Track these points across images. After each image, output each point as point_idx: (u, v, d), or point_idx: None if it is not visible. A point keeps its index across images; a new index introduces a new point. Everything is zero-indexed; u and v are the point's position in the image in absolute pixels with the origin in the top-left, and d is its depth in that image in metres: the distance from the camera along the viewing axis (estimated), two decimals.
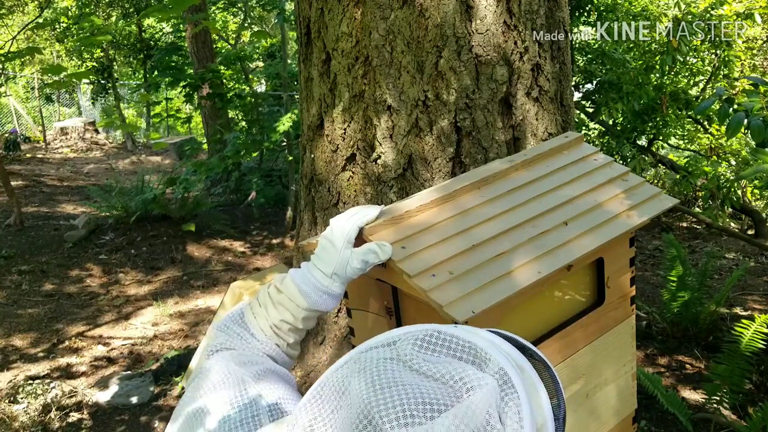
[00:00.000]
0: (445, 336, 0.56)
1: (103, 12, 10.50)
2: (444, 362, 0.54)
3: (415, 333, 0.56)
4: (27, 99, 14.27)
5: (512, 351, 0.58)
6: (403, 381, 0.51)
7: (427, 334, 0.56)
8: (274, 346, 0.86)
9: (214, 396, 0.70)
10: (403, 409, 0.48)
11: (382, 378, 0.51)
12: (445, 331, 0.56)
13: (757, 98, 2.19)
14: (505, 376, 0.53)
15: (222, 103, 5.35)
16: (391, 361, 0.53)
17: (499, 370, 0.54)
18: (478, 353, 0.55)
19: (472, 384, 0.51)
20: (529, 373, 0.57)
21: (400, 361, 0.53)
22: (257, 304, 0.88)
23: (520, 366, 0.57)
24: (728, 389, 2.23)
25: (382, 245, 0.88)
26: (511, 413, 0.51)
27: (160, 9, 2.33)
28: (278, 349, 0.86)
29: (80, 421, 2.67)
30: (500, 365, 0.54)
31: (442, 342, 0.55)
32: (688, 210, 5.21)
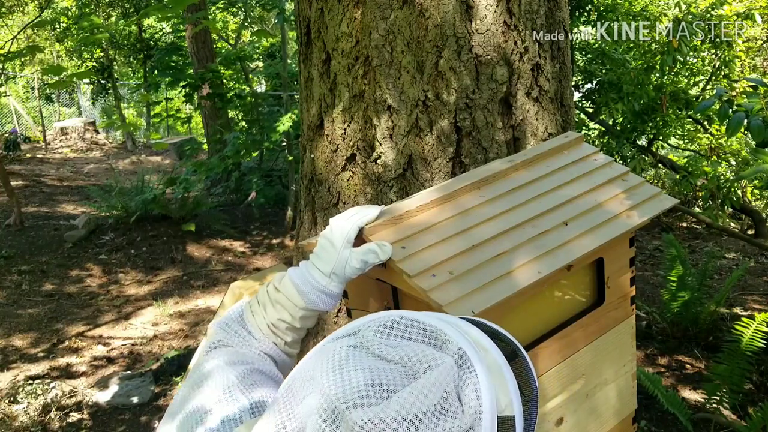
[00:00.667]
0: (406, 321, 0.57)
1: (103, 12, 10.50)
2: (404, 346, 0.55)
3: (378, 320, 0.58)
4: (27, 99, 14.27)
5: (477, 334, 0.59)
6: (362, 366, 0.52)
7: (389, 320, 0.57)
8: (272, 345, 0.86)
9: (208, 398, 0.70)
10: (359, 391, 0.49)
11: (343, 364, 0.52)
12: (406, 316, 0.58)
13: (757, 99, 2.19)
14: (464, 356, 0.54)
15: (222, 103, 5.35)
16: (354, 349, 0.55)
17: (458, 350, 0.54)
18: (438, 335, 0.56)
19: (429, 364, 0.52)
20: (494, 354, 0.57)
21: (363, 348, 0.55)
22: (256, 302, 0.88)
23: (484, 347, 0.57)
24: (728, 389, 2.23)
25: (382, 245, 0.88)
26: (469, 391, 0.52)
27: (159, 8, 2.33)
28: (276, 348, 0.86)
29: (80, 421, 2.67)
30: (459, 346, 0.55)
31: (404, 327, 0.57)
32: (688, 210, 5.21)
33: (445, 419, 0.49)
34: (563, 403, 1.07)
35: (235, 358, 0.78)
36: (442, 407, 0.50)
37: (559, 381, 1.06)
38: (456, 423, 0.50)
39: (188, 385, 0.74)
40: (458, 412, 0.51)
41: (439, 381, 0.51)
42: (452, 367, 0.52)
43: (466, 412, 0.51)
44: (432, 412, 0.49)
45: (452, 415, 0.50)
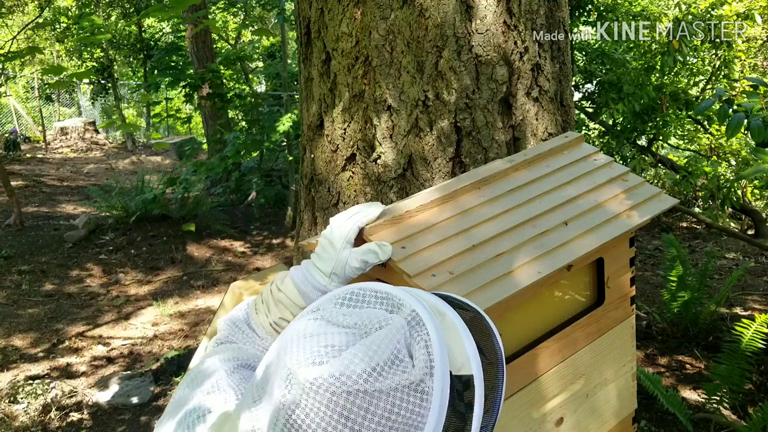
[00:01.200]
0: (363, 291, 0.59)
1: (103, 12, 10.50)
2: (358, 312, 0.56)
3: (338, 293, 0.60)
4: (27, 99, 14.27)
5: (435, 301, 0.60)
6: (317, 333, 0.54)
7: (348, 292, 0.59)
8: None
9: (206, 395, 0.71)
10: (311, 353, 0.51)
11: (300, 336, 0.54)
12: (364, 287, 0.60)
13: (757, 98, 2.19)
14: (417, 317, 0.55)
15: (222, 103, 5.35)
16: (313, 321, 0.56)
17: (411, 312, 0.56)
18: (392, 300, 0.57)
19: (380, 324, 0.54)
20: (451, 317, 0.58)
21: (322, 320, 0.56)
22: (260, 301, 0.89)
23: (441, 312, 0.58)
24: (728, 389, 2.23)
25: (382, 245, 0.88)
26: (419, 347, 0.53)
27: (160, 9, 2.33)
28: None
29: (80, 421, 2.67)
30: (412, 308, 0.56)
31: (362, 297, 0.58)
32: (688, 210, 5.21)
33: (395, 373, 0.50)
34: (563, 403, 1.07)
35: (231, 355, 0.79)
36: (391, 362, 0.51)
37: (559, 381, 1.06)
38: (405, 377, 0.51)
39: (186, 383, 0.74)
40: (408, 366, 0.51)
41: (388, 338, 0.52)
42: (403, 326, 0.54)
43: (416, 366, 0.52)
44: (381, 367, 0.50)
45: (402, 369, 0.51)
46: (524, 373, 1.00)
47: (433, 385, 0.51)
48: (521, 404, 1.00)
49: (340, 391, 0.49)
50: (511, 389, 0.99)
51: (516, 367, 0.98)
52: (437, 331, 0.55)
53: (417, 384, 0.51)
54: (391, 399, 0.50)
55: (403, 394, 0.50)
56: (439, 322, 0.57)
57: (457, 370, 0.54)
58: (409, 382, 0.51)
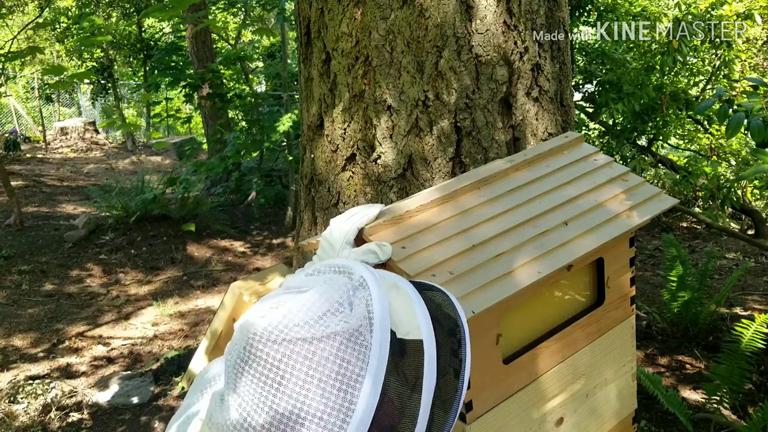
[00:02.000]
0: (328, 265, 0.61)
1: (103, 12, 10.50)
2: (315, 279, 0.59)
3: (305, 268, 0.63)
4: (27, 99, 14.27)
5: (395, 278, 0.61)
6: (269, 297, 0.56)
7: (313, 268, 0.62)
8: None
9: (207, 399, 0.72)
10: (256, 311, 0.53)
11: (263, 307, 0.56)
12: (330, 263, 0.62)
13: (757, 98, 2.19)
14: (363, 282, 0.56)
15: (222, 103, 5.34)
16: (279, 294, 0.58)
17: (360, 278, 0.57)
18: (346, 270, 0.59)
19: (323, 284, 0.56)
20: (405, 288, 0.59)
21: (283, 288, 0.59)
22: None
23: (395, 284, 0.59)
24: (728, 389, 2.23)
25: (381, 245, 0.88)
26: (359, 301, 0.54)
27: (160, 9, 2.33)
28: None
29: (80, 421, 2.67)
30: (361, 275, 0.57)
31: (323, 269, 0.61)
32: (688, 210, 5.20)
33: (333, 320, 0.51)
34: (563, 403, 1.08)
35: None
36: (331, 313, 0.51)
37: (559, 381, 1.06)
38: (342, 324, 0.51)
39: (192, 388, 0.75)
40: (347, 317, 0.52)
41: (329, 292, 0.53)
42: (346, 284, 0.55)
43: (354, 314, 0.52)
44: (320, 315, 0.51)
45: (340, 318, 0.51)
46: (524, 373, 1.00)
47: (371, 339, 0.51)
48: (521, 404, 1.00)
49: (280, 338, 0.50)
50: (510, 389, 0.99)
51: (516, 367, 0.98)
52: (380, 291, 0.55)
53: (356, 334, 0.51)
54: (329, 346, 0.50)
55: (341, 341, 0.50)
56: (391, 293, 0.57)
57: (405, 334, 0.54)
58: (347, 330, 0.50)
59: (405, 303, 0.56)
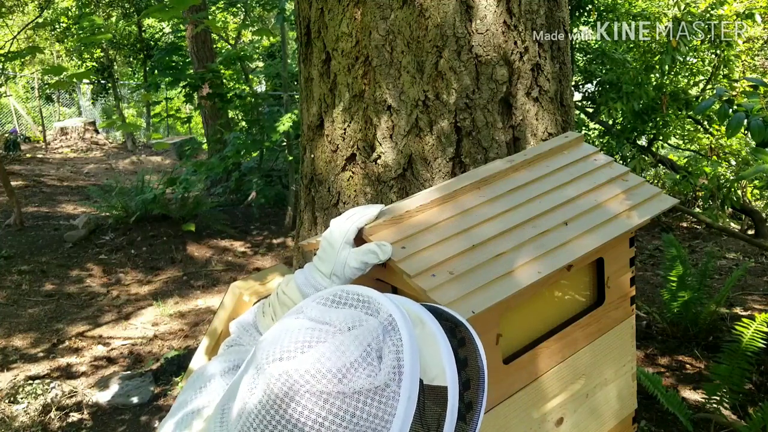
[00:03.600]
0: (347, 293, 0.58)
1: (103, 12, 10.50)
2: (336, 311, 0.55)
3: (321, 294, 0.59)
4: (27, 99, 14.27)
5: (417, 309, 0.59)
6: (291, 329, 0.53)
7: (330, 293, 0.59)
8: None
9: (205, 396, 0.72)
10: (281, 348, 0.51)
11: (277, 331, 0.54)
12: (348, 289, 0.59)
13: (757, 98, 2.19)
14: (393, 322, 0.54)
15: (222, 103, 5.34)
16: (295, 320, 0.56)
17: (388, 317, 0.54)
18: (371, 304, 0.56)
19: (354, 324, 0.53)
20: (431, 327, 0.56)
21: (303, 317, 0.56)
22: (268, 304, 0.90)
23: (422, 320, 0.57)
24: (728, 389, 2.23)
25: (381, 245, 0.88)
26: (389, 351, 0.51)
27: (160, 9, 2.33)
28: None
29: (80, 421, 2.67)
30: (390, 313, 0.55)
31: (344, 298, 0.58)
32: (688, 210, 5.20)
33: (360, 375, 0.49)
34: (563, 403, 1.08)
35: (237, 357, 0.79)
36: (359, 364, 0.49)
37: (559, 381, 1.06)
38: (370, 380, 0.49)
39: (188, 385, 0.75)
40: (375, 369, 0.50)
41: (359, 338, 0.51)
42: (376, 329, 0.52)
43: (383, 370, 0.50)
44: (347, 368, 0.49)
45: (368, 372, 0.49)
46: (524, 373, 1.00)
47: (400, 391, 0.50)
48: (521, 404, 1.00)
49: (302, 390, 0.48)
50: (511, 389, 0.99)
51: (516, 367, 0.98)
52: (411, 337, 0.53)
53: (382, 388, 0.49)
54: (354, 402, 0.48)
55: (367, 398, 0.49)
56: (416, 330, 0.55)
57: (431, 380, 0.53)
58: (373, 387, 0.49)
59: (431, 344, 0.55)
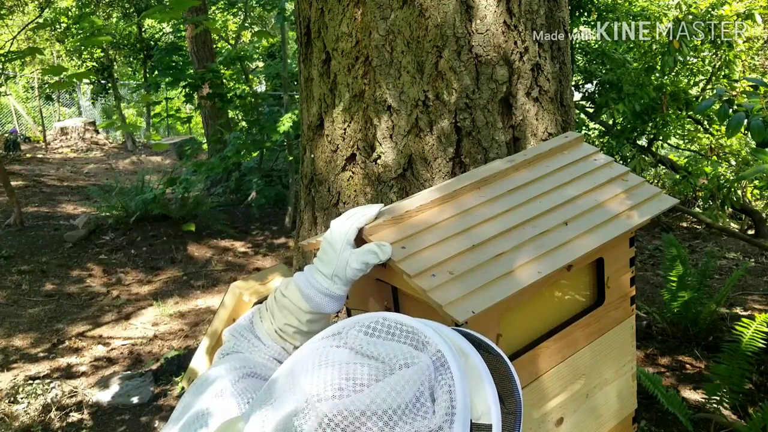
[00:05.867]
0: (389, 322, 0.57)
1: (103, 12, 10.50)
2: (384, 344, 0.54)
3: (362, 320, 0.58)
4: (27, 99, 14.27)
5: (459, 340, 0.59)
6: (339, 362, 0.52)
7: (372, 321, 0.57)
8: (280, 350, 0.87)
9: (208, 403, 0.71)
10: (333, 385, 0.50)
11: (322, 361, 0.52)
12: (390, 318, 0.58)
13: (757, 98, 2.19)
14: (441, 358, 0.54)
15: (222, 103, 5.35)
16: (336, 348, 0.55)
17: (437, 352, 0.54)
18: (418, 337, 0.56)
19: (406, 361, 0.52)
20: (474, 361, 0.57)
21: (346, 347, 0.55)
22: (265, 308, 0.89)
23: (465, 353, 0.57)
24: (728, 389, 2.23)
25: (381, 246, 0.88)
26: (442, 392, 0.52)
27: (160, 10, 2.33)
28: (285, 353, 0.87)
29: (80, 421, 2.67)
30: (438, 348, 0.54)
31: (387, 328, 0.57)
32: (688, 210, 5.20)
33: (415, 418, 0.49)
34: (563, 403, 1.08)
35: (238, 364, 0.78)
36: (413, 405, 0.49)
37: (559, 381, 1.06)
38: (425, 423, 0.49)
39: (191, 391, 0.74)
40: (429, 411, 0.50)
41: (413, 378, 0.50)
42: (428, 367, 0.52)
43: (437, 413, 0.50)
44: (402, 410, 0.49)
45: (422, 415, 0.49)
46: (524, 373, 1.00)
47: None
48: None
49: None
50: None
51: (516, 367, 0.98)
52: (462, 377, 0.53)
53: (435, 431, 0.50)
54: None
55: None
56: (462, 364, 0.56)
57: (477, 418, 0.53)
58: (428, 429, 0.49)
59: (476, 380, 0.55)
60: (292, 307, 0.86)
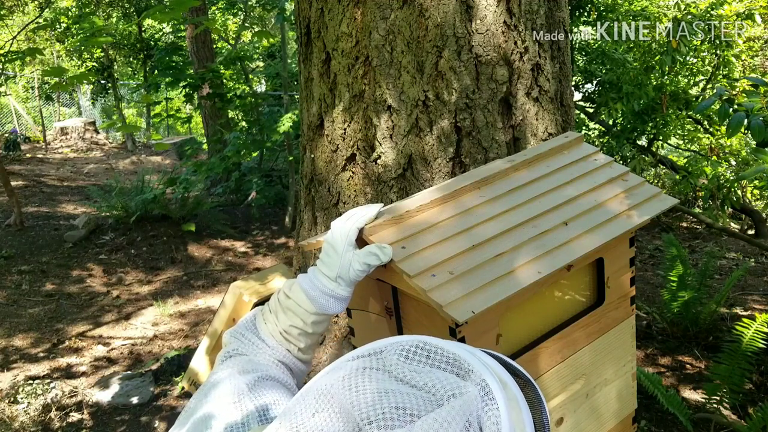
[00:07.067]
0: (430, 347, 0.57)
1: (103, 12, 10.50)
2: (427, 372, 0.54)
3: (401, 343, 0.57)
4: (27, 99, 14.27)
5: (496, 366, 0.59)
6: (385, 389, 0.51)
7: (412, 345, 0.57)
8: (285, 352, 0.86)
9: (219, 405, 0.70)
10: (383, 414, 0.49)
11: (366, 385, 0.52)
12: (430, 342, 0.57)
13: (757, 98, 2.19)
14: (486, 387, 0.54)
15: (222, 103, 5.34)
16: (375, 371, 0.54)
17: (481, 381, 0.54)
18: (461, 365, 0.56)
19: (453, 392, 0.52)
20: (511, 388, 0.57)
21: (385, 371, 0.54)
22: (268, 310, 0.89)
23: (503, 380, 0.57)
24: (728, 389, 2.23)
25: (382, 247, 0.88)
26: (490, 423, 0.51)
27: (160, 10, 2.33)
28: (289, 355, 0.87)
29: (80, 421, 2.67)
30: (482, 377, 0.54)
31: (428, 353, 0.56)
32: (688, 210, 5.20)
33: None
34: (563, 403, 1.08)
35: (248, 367, 0.78)
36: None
37: (559, 381, 1.06)
38: None
39: (198, 395, 0.74)
40: None
41: (462, 410, 0.50)
42: (476, 397, 0.52)
43: None
44: None
45: None
46: None
47: None
48: None
49: None
50: None
51: None
52: (507, 407, 0.53)
53: None
54: None
55: None
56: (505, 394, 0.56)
57: None
58: None
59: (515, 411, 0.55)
60: (297, 308, 0.86)
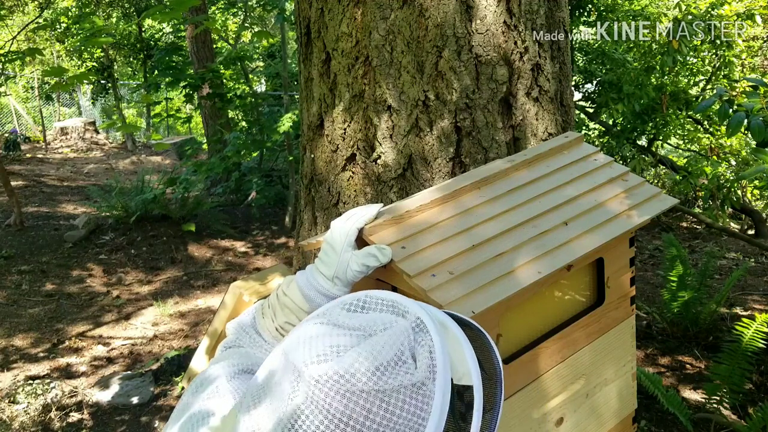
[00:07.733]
0: (370, 298, 0.60)
1: (103, 12, 10.49)
2: (364, 316, 0.58)
3: (344, 299, 0.61)
4: (27, 99, 14.26)
5: (439, 313, 0.61)
6: (322, 334, 0.55)
7: (354, 299, 0.61)
8: None
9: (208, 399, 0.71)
10: (316, 352, 0.53)
11: (306, 336, 0.56)
12: (371, 294, 0.61)
13: (757, 98, 2.19)
14: (421, 324, 0.57)
15: (222, 103, 5.34)
16: (320, 325, 0.58)
17: (416, 319, 0.57)
18: (398, 307, 0.59)
19: (385, 326, 0.55)
20: (453, 330, 0.59)
21: (329, 323, 0.58)
22: (267, 305, 0.90)
23: (443, 323, 0.60)
24: (728, 389, 2.23)
25: (381, 248, 0.88)
26: (423, 350, 0.54)
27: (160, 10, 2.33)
28: None
29: (80, 421, 2.67)
30: (417, 315, 0.58)
31: (370, 304, 0.60)
32: (688, 210, 5.20)
33: (397, 374, 0.52)
34: (563, 403, 1.08)
35: (243, 360, 0.79)
36: (395, 363, 0.52)
37: (559, 381, 1.06)
38: (408, 378, 0.52)
39: (190, 391, 0.74)
40: (411, 368, 0.53)
41: (392, 339, 0.53)
42: (407, 329, 0.55)
43: (419, 369, 0.53)
44: (385, 366, 0.51)
45: (405, 370, 0.52)
46: (524, 373, 1.00)
47: (435, 389, 0.52)
48: (521, 404, 1.00)
49: (343, 390, 0.50)
50: (511, 389, 0.99)
51: (516, 367, 0.98)
52: (441, 338, 0.56)
53: (419, 386, 0.52)
54: (393, 400, 0.51)
55: (405, 395, 0.51)
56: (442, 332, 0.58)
57: (458, 380, 0.56)
58: (411, 383, 0.52)
59: (455, 346, 0.58)
60: (293, 306, 0.86)
